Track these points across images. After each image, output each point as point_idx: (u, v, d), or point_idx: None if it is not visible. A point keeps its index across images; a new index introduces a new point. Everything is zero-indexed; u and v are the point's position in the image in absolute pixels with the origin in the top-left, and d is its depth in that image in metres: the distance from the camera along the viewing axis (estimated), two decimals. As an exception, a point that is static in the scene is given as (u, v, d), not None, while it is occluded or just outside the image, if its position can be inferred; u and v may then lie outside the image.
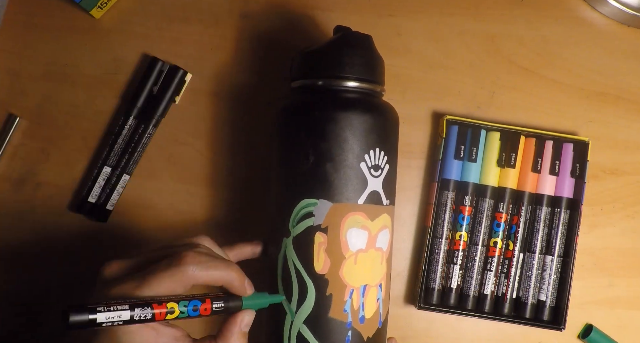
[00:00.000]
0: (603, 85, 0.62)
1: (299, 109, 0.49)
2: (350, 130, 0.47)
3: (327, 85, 0.48)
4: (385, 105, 0.50)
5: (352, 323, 0.47)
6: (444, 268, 0.58)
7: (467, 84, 0.61)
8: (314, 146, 0.47)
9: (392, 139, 0.50)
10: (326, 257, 0.47)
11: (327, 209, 0.47)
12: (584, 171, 0.58)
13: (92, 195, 0.58)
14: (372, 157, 0.48)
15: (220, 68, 0.60)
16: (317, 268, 0.47)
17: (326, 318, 0.47)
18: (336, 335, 0.47)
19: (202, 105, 0.60)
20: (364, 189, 0.47)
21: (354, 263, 0.47)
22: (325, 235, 0.47)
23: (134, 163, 0.59)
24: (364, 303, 0.48)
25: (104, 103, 0.60)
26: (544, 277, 0.58)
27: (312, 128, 0.47)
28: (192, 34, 0.60)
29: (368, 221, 0.48)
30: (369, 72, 0.50)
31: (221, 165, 0.60)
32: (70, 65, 0.60)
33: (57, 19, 0.60)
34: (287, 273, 0.48)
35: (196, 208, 0.60)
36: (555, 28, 0.62)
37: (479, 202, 0.59)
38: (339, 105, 0.48)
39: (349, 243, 0.47)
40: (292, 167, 0.48)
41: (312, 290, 0.47)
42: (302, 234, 0.47)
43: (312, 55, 0.50)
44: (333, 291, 0.47)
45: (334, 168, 0.47)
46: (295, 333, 0.47)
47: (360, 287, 0.47)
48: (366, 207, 0.47)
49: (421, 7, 0.61)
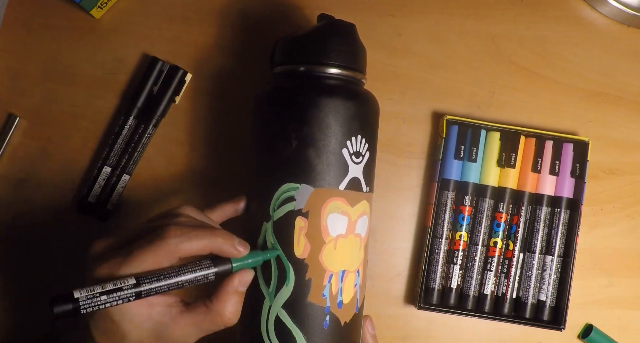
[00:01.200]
0: (603, 85, 0.62)
1: (282, 94, 0.49)
2: (334, 116, 0.47)
3: (311, 71, 0.49)
4: (367, 94, 0.51)
5: (330, 308, 0.47)
6: (444, 268, 0.58)
7: (467, 84, 0.61)
8: (296, 131, 0.47)
9: (373, 126, 0.51)
10: (306, 242, 0.47)
11: (308, 194, 0.47)
12: (584, 171, 0.58)
13: (92, 195, 0.58)
14: (354, 144, 0.48)
15: (220, 68, 0.60)
16: (297, 252, 0.47)
17: (305, 302, 0.47)
18: (314, 320, 0.47)
19: (202, 105, 0.60)
20: (345, 175, 0.48)
21: (334, 249, 0.47)
22: (306, 219, 0.47)
23: (134, 163, 0.59)
24: (342, 289, 0.48)
25: (104, 103, 0.60)
26: (544, 277, 0.58)
27: (296, 113, 0.47)
28: (192, 34, 0.60)
29: (348, 207, 0.48)
30: (353, 60, 0.50)
31: (221, 165, 0.60)
32: (70, 65, 0.60)
33: (57, 19, 0.60)
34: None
35: (197, 209, 0.60)
36: (555, 28, 0.62)
37: (479, 202, 0.59)
38: (324, 91, 0.48)
39: (329, 228, 0.47)
40: (273, 151, 0.48)
41: (292, 275, 0.47)
42: (283, 218, 0.47)
43: (296, 41, 0.50)
44: (312, 275, 0.47)
45: (316, 153, 0.47)
46: (273, 317, 0.47)
47: (339, 272, 0.48)
48: (347, 193, 0.48)
49: (421, 7, 0.61)
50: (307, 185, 0.47)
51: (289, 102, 0.48)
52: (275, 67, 0.51)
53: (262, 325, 0.47)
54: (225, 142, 0.60)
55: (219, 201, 0.59)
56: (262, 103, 0.50)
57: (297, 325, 0.46)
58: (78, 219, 0.59)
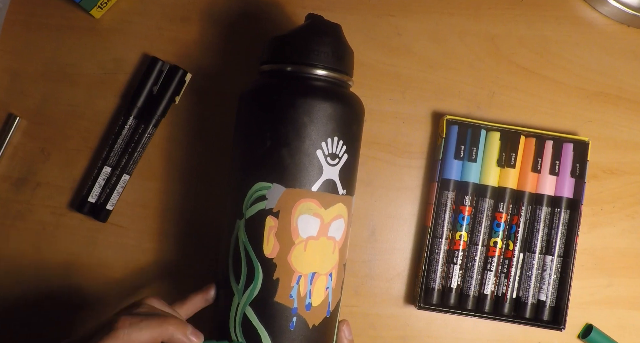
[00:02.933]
0: (603, 85, 0.62)
1: (258, 93, 0.49)
2: (308, 116, 0.47)
3: (292, 71, 0.49)
4: (349, 96, 0.50)
5: (298, 310, 0.47)
6: (444, 268, 0.58)
7: (467, 84, 0.61)
8: (271, 130, 0.47)
9: (354, 129, 0.50)
10: (275, 241, 0.47)
11: (279, 194, 0.47)
12: (584, 171, 0.58)
13: (92, 195, 0.58)
14: (329, 145, 0.48)
15: (220, 68, 0.60)
16: (266, 251, 0.47)
17: (271, 302, 0.47)
18: (281, 320, 0.47)
19: (202, 105, 0.60)
20: (319, 177, 0.47)
21: (304, 250, 0.47)
22: (277, 219, 0.47)
23: (134, 163, 0.59)
24: (311, 291, 0.47)
25: (104, 103, 0.60)
26: (544, 277, 0.58)
27: (271, 111, 0.47)
28: (192, 34, 0.60)
29: (321, 209, 0.47)
30: (334, 60, 0.49)
31: (221, 165, 0.60)
32: (70, 65, 0.60)
33: (57, 19, 0.60)
34: (238, 254, 0.48)
35: (196, 208, 0.60)
36: (555, 28, 0.62)
37: (479, 202, 0.59)
38: (299, 91, 0.48)
39: (299, 229, 0.47)
40: (250, 149, 0.48)
41: (260, 273, 0.47)
42: (254, 217, 0.47)
43: (278, 40, 0.50)
44: (280, 275, 0.47)
45: (289, 153, 0.47)
46: (240, 315, 0.47)
47: (309, 274, 0.47)
48: (320, 194, 0.47)
49: (421, 7, 0.61)
50: (279, 185, 0.47)
51: (266, 101, 0.48)
52: (260, 65, 0.51)
53: (230, 320, 0.47)
54: (225, 142, 0.60)
55: (219, 201, 0.59)
56: (243, 101, 0.50)
57: (263, 324, 0.46)
58: (78, 219, 0.59)
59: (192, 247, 0.59)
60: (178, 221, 0.60)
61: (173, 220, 0.60)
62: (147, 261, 0.59)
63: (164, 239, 0.60)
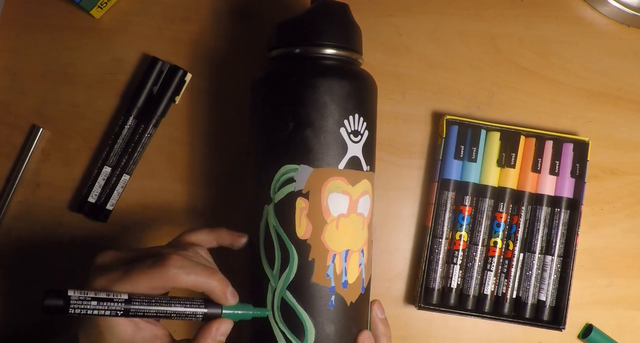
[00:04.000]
0: (603, 85, 0.62)
1: (276, 77, 0.49)
2: (329, 95, 0.47)
3: (303, 52, 0.49)
4: (362, 72, 0.51)
5: (335, 288, 0.47)
6: (444, 268, 0.58)
7: (467, 84, 0.61)
8: (292, 112, 0.47)
9: (371, 105, 0.51)
10: (308, 222, 0.47)
11: (307, 174, 0.47)
12: (584, 171, 0.58)
13: (92, 195, 0.58)
14: (351, 123, 0.48)
15: (220, 68, 0.60)
16: (299, 233, 0.47)
17: (309, 283, 0.47)
18: (320, 300, 0.47)
19: (202, 105, 0.60)
20: (344, 154, 0.48)
21: (336, 228, 0.47)
22: (307, 200, 0.47)
23: (134, 163, 0.59)
24: (346, 268, 0.48)
25: (104, 103, 0.60)
26: (544, 277, 0.58)
27: (290, 94, 0.47)
28: (192, 34, 0.60)
29: (349, 186, 0.48)
30: (345, 39, 0.50)
31: (221, 165, 0.60)
32: (70, 65, 0.60)
33: (57, 19, 0.60)
34: (269, 240, 0.48)
35: (197, 208, 0.60)
36: (555, 28, 0.62)
37: (479, 202, 0.59)
38: (317, 71, 0.48)
39: (330, 208, 0.47)
40: (272, 134, 0.48)
41: (295, 256, 0.47)
42: (284, 200, 0.47)
43: (287, 24, 0.50)
44: (315, 256, 0.47)
45: (313, 133, 0.47)
46: (278, 300, 0.47)
47: (343, 252, 0.47)
48: (347, 172, 0.48)
49: (421, 7, 0.61)
50: (306, 166, 0.47)
51: (283, 84, 0.48)
52: (269, 52, 0.51)
53: (268, 307, 0.47)
54: (226, 142, 0.60)
55: (219, 200, 0.59)
56: (257, 87, 0.50)
57: (303, 307, 0.46)
58: (78, 219, 0.59)
59: (192, 247, 0.59)
60: (178, 221, 0.60)
61: (173, 220, 0.60)
62: (147, 261, 0.59)
63: (165, 239, 0.59)
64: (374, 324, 0.51)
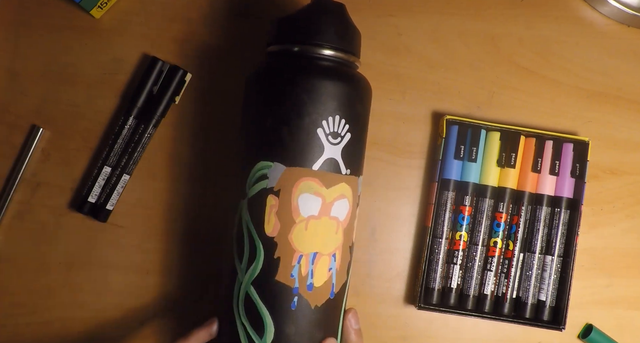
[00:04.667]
0: (603, 85, 0.62)
1: (260, 73, 0.49)
2: (308, 94, 0.47)
3: (294, 50, 0.49)
4: (352, 75, 0.50)
5: (299, 290, 0.47)
6: (444, 268, 0.58)
7: (467, 84, 0.61)
8: (272, 108, 0.47)
9: (359, 108, 0.49)
10: (276, 220, 0.47)
11: (280, 172, 0.47)
12: (584, 171, 0.58)
13: (92, 195, 0.58)
14: (330, 124, 0.47)
15: (220, 68, 0.60)
16: (267, 230, 0.47)
17: (273, 281, 0.47)
18: (282, 300, 0.47)
19: (202, 105, 0.60)
20: (320, 156, 0.47)
21: (305, 229, 0.47)
22: (277, 198, 0.47)
23: (134, 163, 0.59)
24: (313, 271, 0.47)
25: (104, 103, 0.60)
26: (544, 277, 0.58)
27: (271, 91, 0.48)
28: (192, 34, 0.60)
29: (323, 188, 0.47)
30: (338, 39, 0.49)
31: (222, 164, 0.60)
32: (70, 65, 0.60)
33: (57, 19, 0.60)
34: (241, 234, 0.48)
35: (197, 208, 0.60)
36: (555, 28, 0.62)
37: (479, 202, 0.59)
38: (298, 69, 0.48)
39: (300, 208, 0.47)
40: (252, 129, 0.48)
41: (261, 252, 0.47)
42: (256, 196, 0.47)
43: (283, 21, 0.50)
44: (281, 254, 0.47)
45: (289, 131, 0.47)
46: (243, 294, 0.47)
47: (310, 254, 0.47)
48: (321, 173, 0.47)
49: (421, 7, 0.61)
50: (280, 164, 0.47)
51: (266, 81, 0.48)
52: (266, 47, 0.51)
53: (233, 299, 0.48)
54: (225, 142, 0.60)
55: (219, 200, 0.59)
56: (247, 84, 0.50)
57: (265, 304, 0.47)
58: (78, 219, 0.59)
59: (193, 246, 0.59)
60: (178, 221, 0.60)
61: (173, 220, 0.60)
62: (148, 261, 0.59)
63: (165, 239, 0.60)
64: (347, 333, 0.51)
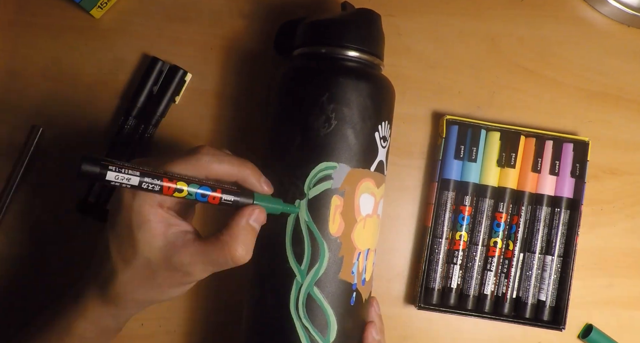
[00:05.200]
0: (603, 85, 0.62)
1: (322, 74, 0.49)
2: (372, 99, 0.49)
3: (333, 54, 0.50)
4: (389, 81, 0.53)
5: (357, 285, 0.49)
6: (444, 268, 0.58)
7: (467, 84, 0.61)
8: (336, 111, 0.48)
9: (393, 113, 0.53)
10: (341, 220, 0.48)
11: (345, 173, 0.48)
12: (584, 171, 0.58)
13: (92, 195, 0.58)
14: (382, 128, 0.50)
15: (220, 68, 0.60)
16: (331, 230, 0.48)
17: (336, 279, 0.48)
18: (343, 297, 0.48)
19: (202, 105, 0.60)
20: (375, 158, 0.49)
21: (363, 228, 0.49)
22: (342, 198, 0.48)
23: (134, 163, 0.59)
24: (366, 266, 0.50)
25: (104, 103, 0.60)
26: (544, 277, 0.58)
27: (337, 93, 0.48)
28: (192, 34, 0.60)
29: (375, 188, 0.50)
30: (382, 48, 0.53)
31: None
32: (70, 65, 0.60)
33: (57, 19, 0.60)
34: (299, 235, 0.48)
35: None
36: (555, 28, 0.62)
37: (479, 202, 0.59)
38: (364, 75, 0.49)
39: (360, 208, 0.49)
40: (311, 130, 0.48)
41: (326, 252, 0.48)
42: (319, 197, 0.48)
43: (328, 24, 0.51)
44: (345, 253, 0.48)
45: (354, 134, 0.48)
46: (305, 294, 0.47)
47: (365, 251, 0.49)
48: (375, 174, 0.50)
49: (421, 7, 0.61)
50: (345, 165, 0.48)
51: (330, 83, 0.48)
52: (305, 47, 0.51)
53: (291, 302, 0.47)
54: (225, 142, 0.60)
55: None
56: (296, 81, 0.50)
57: (329, 302, 0.47)
58: (78, 219, 0.59)
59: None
60: (178, 221, 0.60)
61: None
62: (147, 261, 0.59)
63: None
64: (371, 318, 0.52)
